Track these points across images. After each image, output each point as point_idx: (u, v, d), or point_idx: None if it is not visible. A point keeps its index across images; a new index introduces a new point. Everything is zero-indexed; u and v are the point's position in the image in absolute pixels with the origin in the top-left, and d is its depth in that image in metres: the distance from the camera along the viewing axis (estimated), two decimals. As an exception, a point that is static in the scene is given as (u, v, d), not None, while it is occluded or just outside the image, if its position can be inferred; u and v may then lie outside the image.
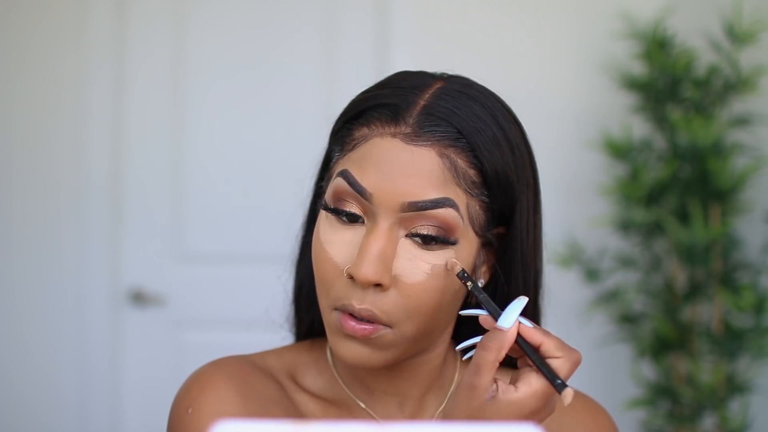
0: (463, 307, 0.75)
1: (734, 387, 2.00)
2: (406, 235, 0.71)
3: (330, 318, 0.72)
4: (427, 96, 0.72)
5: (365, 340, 0.71)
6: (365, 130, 0.73)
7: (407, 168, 0.70)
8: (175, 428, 0.76)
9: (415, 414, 0.79)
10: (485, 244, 0.75)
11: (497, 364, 0.65)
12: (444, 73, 0.77)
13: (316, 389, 0.81)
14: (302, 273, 0.84)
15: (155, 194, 2.45)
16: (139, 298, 2.44)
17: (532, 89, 2.34)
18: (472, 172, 0.71)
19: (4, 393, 2.44)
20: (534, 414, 0.65)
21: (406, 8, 2.39)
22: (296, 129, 2.38)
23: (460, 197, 0.70)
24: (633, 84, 2.13)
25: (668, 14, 2.13)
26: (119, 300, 2.45)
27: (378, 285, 0.69)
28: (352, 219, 0.72)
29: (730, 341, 1.97)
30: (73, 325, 2.44)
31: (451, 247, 0.71)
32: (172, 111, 2.46)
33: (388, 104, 0.72)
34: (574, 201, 2.31)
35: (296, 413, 0.79)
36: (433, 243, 0.70)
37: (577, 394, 0.82)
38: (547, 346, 0.66)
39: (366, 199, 0.70)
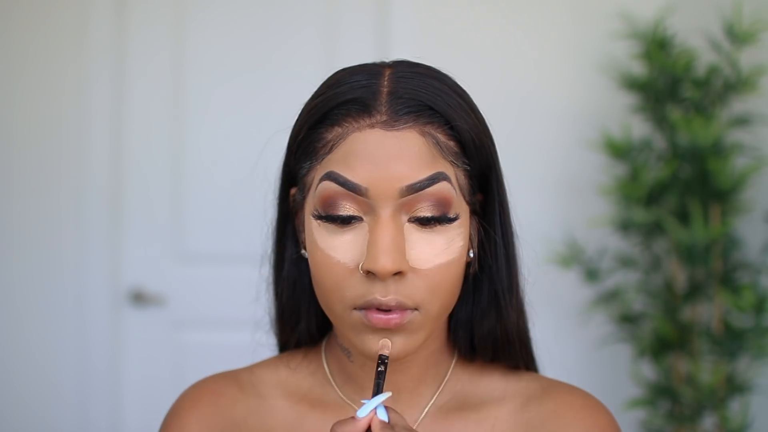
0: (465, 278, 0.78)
1: (734, 387, 2.00)
2: (409, 220, 0.72)
3: (351, 319, 0.72)
4: (385, 82, 0.73)
5: (398, 328, 0.71)
6: (338, 130, 0.72)
7: (395, 153, 0.70)
8: None
9: (408, 408, 0.80)
10: (472, 213, 0.77)
11: None
12: (383, 61, 0.79)
13: (307, 392, 0.83)
14: (282, 291, 0.84)
15: (155, 194, 2.45)
16: (139, 299, 2.44)
17: (532, 89, 2.34)
18: (451, 143, 0.73)
19: (4, 393, 2.44)
20: None
21: (406, 8, 2.39)
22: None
23: (449, 170, 0.72)
24: (633, 84, 2.13)
25: (668, 14, 2.13)
26: (119, 300, 2.45)
27: (397, 273, 0.70)
28: (347, 221, 0.72)
29: (730, 341, 1.97)
30: (73, 325, 2.44)
31: (453, 222, 0.73)
32: (172, 112, 2.46)
33: (353, 99, 0.72)
34: (574, 201, 2.31)
35: (268, 425, 0.81)
36: (435, 223, 0.72)
37: (577, 392, 0.82)
38: None
39: (362, 194, 0.70)
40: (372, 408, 0.68)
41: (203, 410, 0.82)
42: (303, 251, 0.79)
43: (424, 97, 0.72)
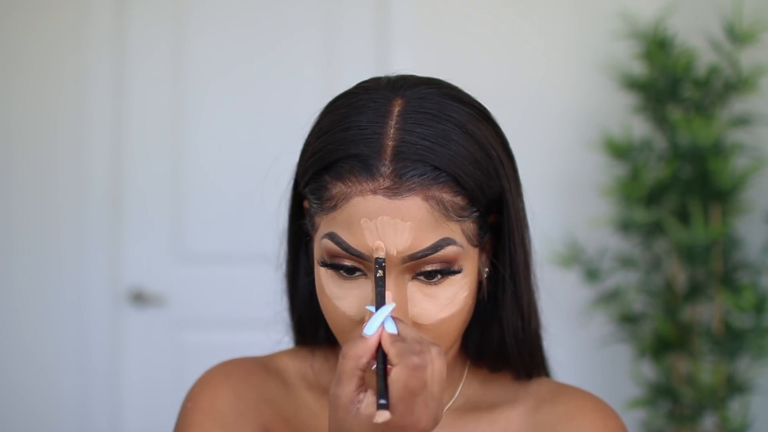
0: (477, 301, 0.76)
1: (734, 387, 2.00)
2: (412, 278, 0.71)
3: None
4: (391, 132, 0.70)
5: None
6: (342, 187, 0.70)
7: (397, 225, 0.69)
8: (178, 421, 0.82)
9: None
10: (481, 250, 0.76)
11: (359, 373, 0.64)
12: (396, 82, 0.74)
13: (328, 388, 0.83)
14: (299, 301, 0.84)
15: (155, 194, 2.45)
16: (139, 299, 2.44)
17: (532, 89, 2.34)
18: (458, 199, 0.71)
19: (4, 393, 2.44)
20: (398, 429, 0.63)
21: (406, 8, 2.38)
22: (296, 129, 2.38)
23: (454, 230, 0.70)
24: (633, 84, 2.13)
25: (668, 14, 2.12)
26: (119, 300, 2.45)
27: None
28: (352, 271, 0.71)
29: (730, 341, 1.97)
30: (73, 326, 2.44)
31: (457, 275, 0.71)
32: (172, 111, 2.46)
33: (356, 155, 0.70)
34: (574, 201, 2.31)
35: (292, 412, 0.81)
36: (439, 276, 0.71)
37: (589, 396, 0.83)
38: (390, 356, 0.64)
39: (364, 259, 0.70)
40: (379, 324, 0.65)
41: (235, 383, 0.82)
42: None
43: (431, 158, 0.69)
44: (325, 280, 0.73)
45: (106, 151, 2.45)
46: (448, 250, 0.70)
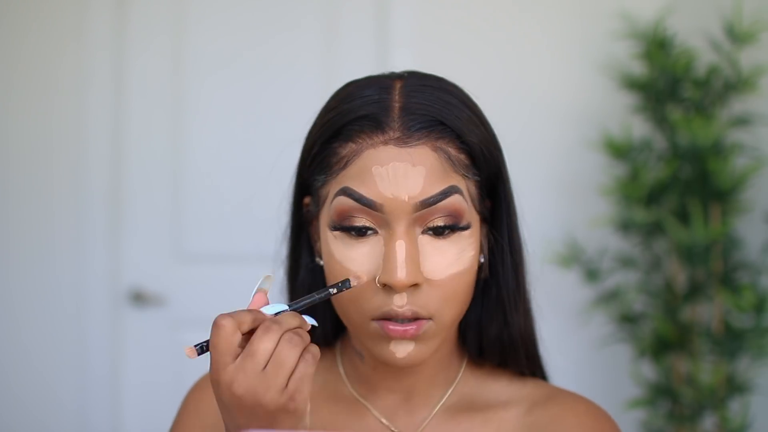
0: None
1: (734, 387, 1.99)
2: (422, 232, 0.74)
3: (370, 329, 0.75)
4: (397, 97, 0.75)
5: (413, 338, 0.74)
6: (352, 146, 0.74)
7: (408, 169, 0.72)
8: (174, 421, 0.86)
9: (418, 407, 0.82)
10: (482, 221, 0.79)
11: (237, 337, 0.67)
12: (392, 72, 0.80)
13: (321, 387, 0.85)
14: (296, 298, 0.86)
15: (155, 194, 2.45)
16: (139, 299, 2.44)
17: (532, 89, 2.34)
18: (462, 156, 0.75)
19: (4, 393, 2.44)
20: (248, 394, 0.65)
21: (406, 8, 2.39)
22: (296, 129, 2.38)
23: (460, 182, 0.74)
24: (633, 84, 2.13)
25: (668, 14, 2.12)
26: (119, 300, 2.45)
27: (413, 285, 0.72)
28: (363, 232, 0.74)
29: (730, 341, 1.97)
30: (73, 326, 2.44)
31: (464, 231, 0.75)
32: (171, 111, 2.46)
33: (366, 115, 0.74)
34: (574, 201, 2.31)
35: None
36: (448, 232, 0.74)
37: (582, 399, 0.84)
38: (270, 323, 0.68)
39: (376, 210, 0.72)
40: (277, 311, 0.69)
41: None
42: (318, 259, 0.81)
43: (436, 112, 0.74)
44: (335, 246, 0.75)
45: (106, 150, 2.45)
46: (456, 199, 0.73)
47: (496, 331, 0.82)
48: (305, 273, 0.85)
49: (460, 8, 2.39)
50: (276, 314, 0.70)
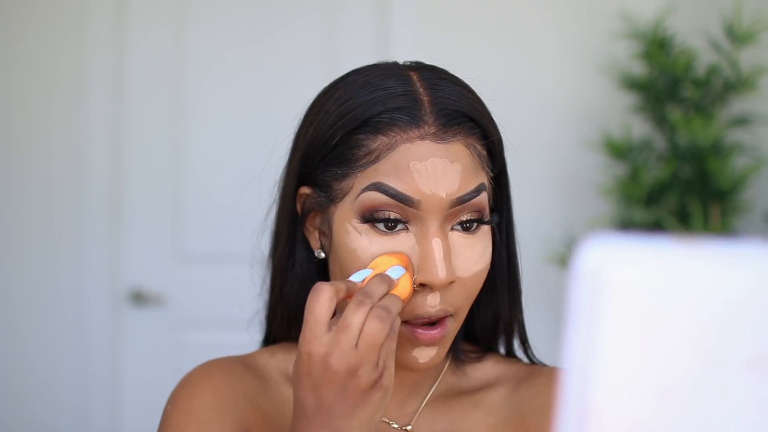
0: None
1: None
2: (452, 228, 0.73)
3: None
4: (421, 90, 0.73)
5: (438, 342, 0.73)
6: (383, 139, 0.71)
7: (447, 166, 0.71)
8: (159, 423, 0.82)
9: (409, 398, 0.82)
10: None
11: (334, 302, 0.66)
12: (395, 62, 0.79)
13: None
14: (289, 291, 0.83)
15: (155, 194, 2.45)
16: (139, 298, 2.44)
17: (532, 89, 2.34)
18: (484, 153, 0.75)
19: (4, 393, 2.44)
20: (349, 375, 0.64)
21: (406, 8, 2.39)
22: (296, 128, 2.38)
23: (485, 179, 0.74)
24: (633, 84, 2.13)
25: (668, 14, 2.12)
26: (119, 300, 2.45)
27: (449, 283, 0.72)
28: (393, 226, 0.71)
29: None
30: (73, 325, 2.44)
31: (486, 226, 0.74)
32: (171, 111, 2.46)
33: (397, 108, 0.72)
34: (574, 201, 2.31)
35: (272, 408, 0.82)
36: (475, 225, 0.73)
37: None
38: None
39: (413, 206, 0.70)
40: (362, 277, 0.69)
41: (215, 382, 0.81)
42: (318, 252, 0.78)
43: (466, 108, 0.73)
44: (358, 243, 0.72)
45: (106, 151, 2.44)
46: (483, 197, 0.73)
47: (487, 319, 0.82)
48: (300, 266, 0.81)
49: (460, 9, 2.39)
50: (362, 280, 0.69)
